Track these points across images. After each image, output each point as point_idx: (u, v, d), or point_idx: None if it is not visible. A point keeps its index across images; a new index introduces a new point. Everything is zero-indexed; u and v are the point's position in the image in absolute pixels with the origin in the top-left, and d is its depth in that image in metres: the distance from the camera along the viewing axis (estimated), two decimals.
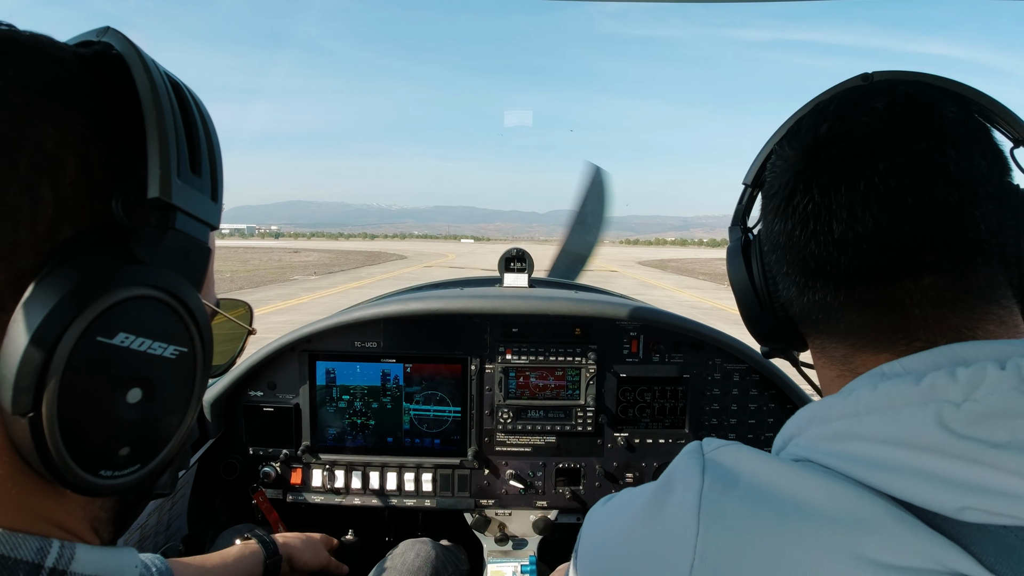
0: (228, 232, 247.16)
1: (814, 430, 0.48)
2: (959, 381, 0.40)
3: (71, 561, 0.35)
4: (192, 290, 0.42)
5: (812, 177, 0.50)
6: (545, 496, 1.68)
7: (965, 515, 0.38)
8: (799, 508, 0.41)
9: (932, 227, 0.46)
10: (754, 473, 0.44)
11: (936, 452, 0.39)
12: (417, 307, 1.60)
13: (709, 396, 1.66)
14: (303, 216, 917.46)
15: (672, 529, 0.45)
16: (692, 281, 26.37)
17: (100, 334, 0.35)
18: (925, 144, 0.46)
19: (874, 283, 0.48)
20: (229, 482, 1.65)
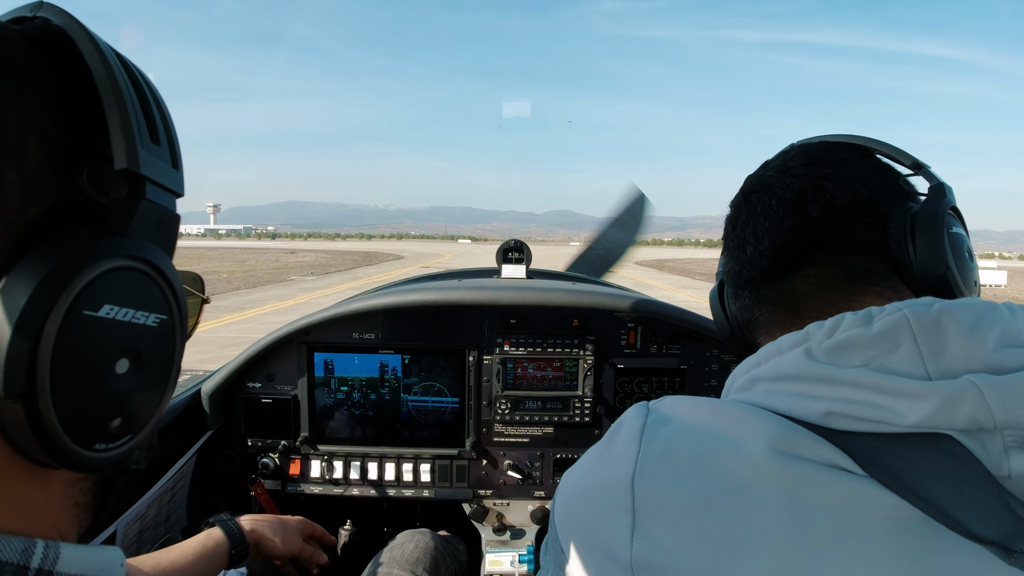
0: (225, 232, 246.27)
1: (736, 383, 0.61)
2: (825, 326, 0.54)
3: (56, 561, 0.35)
4: (167, 258, 0.42)
5: (736, 219, 0.71)
6: (543, 486, 1.69)
7: (831, 421, 0.48)
8: (713, 428, 0.53)
9: (809, 236, 0.63)
10: (684, 412, 0.56)
11: (804, 378, 0.51)
12: (415, 298, 1.60)
13: (706, 387, 1.67)
14: (300, 216, 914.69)
15: (619, 451, 0.56)
16: (689, 281, 26.41)
17: (86, 308, 0.36)
18: (804, 182, 0.64)
19: (771, 283, 0.66)
20: (228, 473, 1.66)
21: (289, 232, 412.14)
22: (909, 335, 0.49)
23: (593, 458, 0.61)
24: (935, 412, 0.45)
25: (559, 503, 0.64)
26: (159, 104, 0.44)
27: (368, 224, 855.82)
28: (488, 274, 2.07)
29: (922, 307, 0.50)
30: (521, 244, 1.91)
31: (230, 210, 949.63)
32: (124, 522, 1.28)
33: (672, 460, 0.52)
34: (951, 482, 0.43)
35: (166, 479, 1.44)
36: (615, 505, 0.53)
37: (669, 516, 0.50)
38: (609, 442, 0.60)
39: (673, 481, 0.51)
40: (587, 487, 0.59)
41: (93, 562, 0.38)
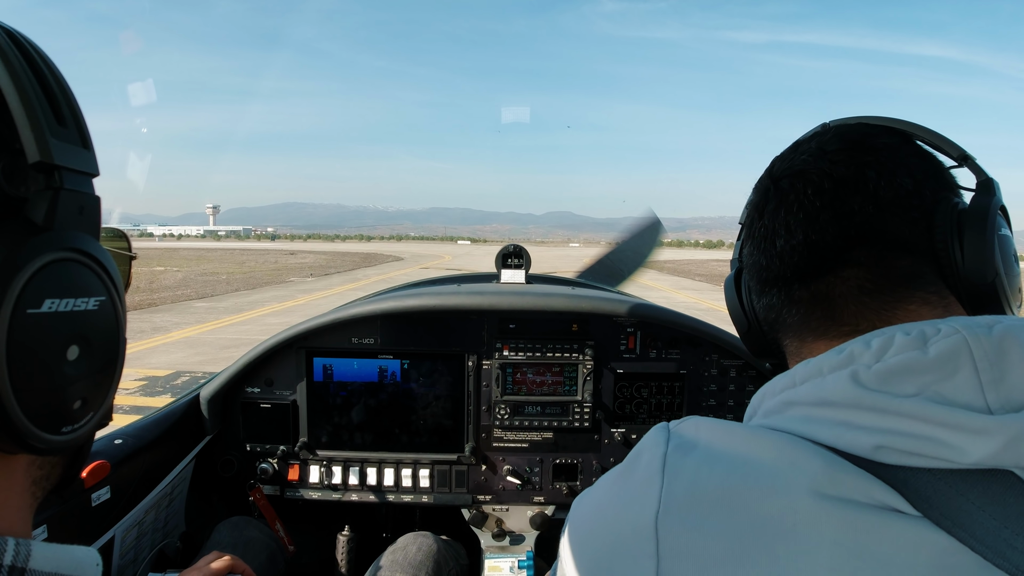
0: (224, 234, 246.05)
1: (766, 404, 0.56)
2: (872, 348, 0.48)
3: (28, 558, 0.35)
4: (95, 242, 0.43)
5: (764, 206, 0.63)
6: (542, 492, 1.69)
7: (881, 455, 0.44)
8: (746, 460, 0.47)
9: (850, 231, 0.56)
10: (710, 438, 0.51)
11: (852, 406, 0.46)
12: (414, 303, 1.60)
13: (706, 392, 1.67)
14: (299, 218, 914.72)
15: (640, 487, 0.51)
16: (688, 282, 26.42)
17: (29, 307, 0.36)
18: (846, 170, 0.57)
19: (805, 282, 0.59)
20: (226, 479, 1.65)
21: (288, 233, 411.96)
22: (968, 360, 0.44)
23: (609, 491, 0.56)
24: (1001, 450, 0.41)
25: (571, 540, 0.59)
26: (59, 81, 0.42)
27: (367, 225, 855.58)
28: (487, 279, 2.07)
29: (982, 329, 0.45)
30: (520, 249, 1.91)
31: (229, 211, 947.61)
32: (122, 527, 1.28)
33: (700, 498, 0.47)
34: (1013, 523, 0.40)
35: (164, 484, 1.43)
36: (637, 550, 0.49)
37: (700, 565, 0.45)
38: (627, 472, 0.55)
39: (703, 523, 0.46)
40: (603, 526, 0.54)
41: (67, 560, 0.38)
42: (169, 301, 14.91)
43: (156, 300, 14.97)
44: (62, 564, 0.37)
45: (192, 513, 1.60)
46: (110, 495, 1.24)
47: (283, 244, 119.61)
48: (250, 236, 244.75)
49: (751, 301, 0.71)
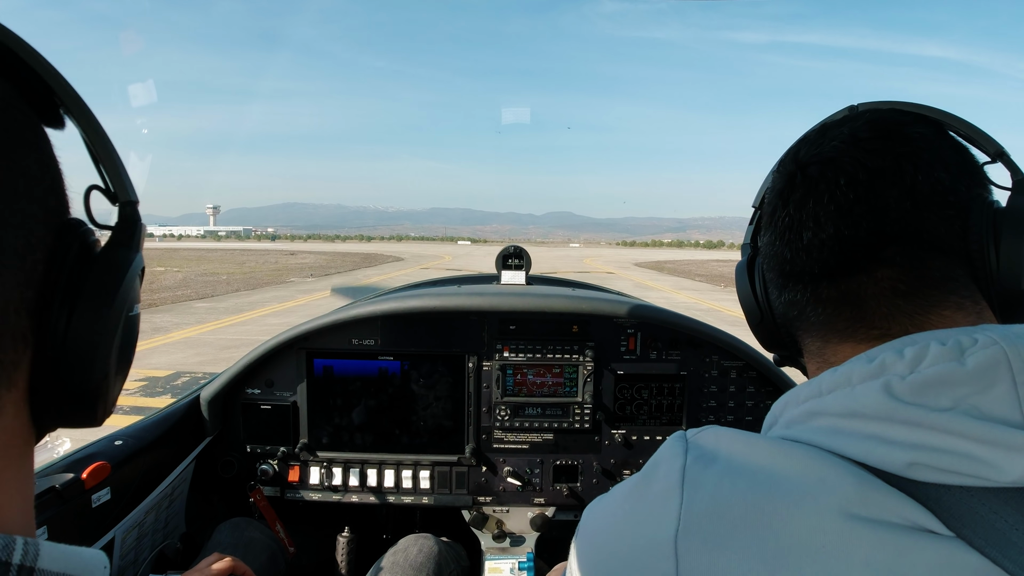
0: (224, 234, 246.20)
1: (789, 412, 0.53)
2: (905, 357, 0.46)
3: (37, 557, 0.35)
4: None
5: (789, 194, 0.58)
6: (543, 493, 1.69)
7: (914, 472, 0.42)
8: (770, 475, 0.46)
9: (885, 228, 0.52)
10: (731, 449, 0.49)
11: (885, 419, 0.44)
12: (414, 304, 1.60)
13: (706, 393, 1.67)
14: (300, 218, 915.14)
15: (658, 501, 0.49)
16: (688, 282, 26.42)
17: (130, 311, 0.47)
18: (882, 161, 0.53)
19: (834, 280, 0.55)
20: (227, 480, 1.65)
21: (289, 234, 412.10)
22: (1007, 373, 0.42)
23: (625, 504, 0.54)
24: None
25: (583, 553, 0.57)
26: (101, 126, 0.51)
27: (368, 226, 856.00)
28: (488, 280, 2.06)
29: (1021, 340, 0.44)
30: (521, 250, 1.91)
31: (230, 212, 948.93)
32: (122, 528, 1.28)
33: (722, 515, 0.45)
34: None
35: (164, 485, 1.43)
36: (655, 569, 0.47)
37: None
38: (644, 485, 0.53)
39: (725, 542, 0.44)
40: (619, 542, 0.52)
41: (75, 562, 0.38)
42: (169, 301, 14.91)
43: (156, 300, 14.97)
44: (71, 565, 0.37)
45: (192, 514, 1.60)
46: (110, 496, 1.24)
47: (283, 244, 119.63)
48: (250, 236, 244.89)
49: (766, 292, 0.67)
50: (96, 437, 1.36)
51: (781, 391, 1.66)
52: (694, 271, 36.17)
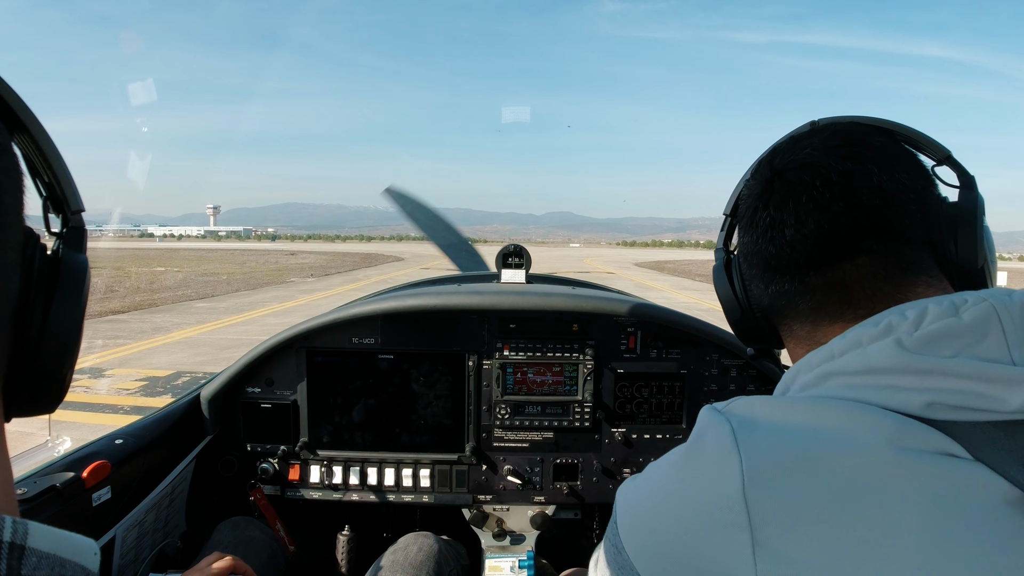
0: (224, 234, 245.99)
1: (802, 378, 0.59)
2: (908, 318, 0.53)
3: (26, 536, 0.35)
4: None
5: (768, 197, 0.66)
6: (543, 492, 1.69)
7: (932, 411, 0.48)
8: (815, 427, 0.50)
9: (861, 222, 0.60)
10: (768, 413, 0.54)
11: (901, 370, 0.50)
12: (414, 303, 1.60)
13: (706, 392, 1.67)
14: (300, 218, 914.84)
15: (715, 463, 0.52)
16: (688, 282, 26.42)
17: (84, 308, 0.54)
18: (852, 164, 0.61)
19: (819, 269, 0.63)
20: (227, 479, 1.65)
21: (289, 234, 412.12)
22: (997, 324, 0.50)
23: (676, 474, 0.57)
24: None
25: (633, 530, 0.60)
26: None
27: (368, 226, 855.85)
28: (488, 279, 2.06)
29: (1004, 297, 0.51)
30: (521, 249, 1.91)
31: (230, 212, 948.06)
32: (123, 527, 1.28)
33: (783, 465, 0.49)
34: None
35: (165, 484, 1.43)
36: (726, 523, 0.50)
37: (794, 526, 0.47)
38: (693, 454, 0.56)
39: (790, 488, 0.48)
40: (680, 506, 0.55)
41: (65, 544, 0.38)
42: (170, 301, 14.92)
43: (157, 300, 14.98)
44: (60, 547, 0.37)
45: (193, 513, 1.60)
46: (111, 495, 1.24)
47: (283, 244, 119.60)
48: (251, 236, 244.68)
49: (745, 288, 0.75)
50: (96, 436, 1.36)
51: None
52: (694, 271, 36.17)
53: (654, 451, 1.67)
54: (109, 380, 7.03)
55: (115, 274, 23.15)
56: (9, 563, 0.34)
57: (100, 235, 41.26)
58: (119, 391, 6.59)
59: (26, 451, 1.96)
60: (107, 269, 25.20)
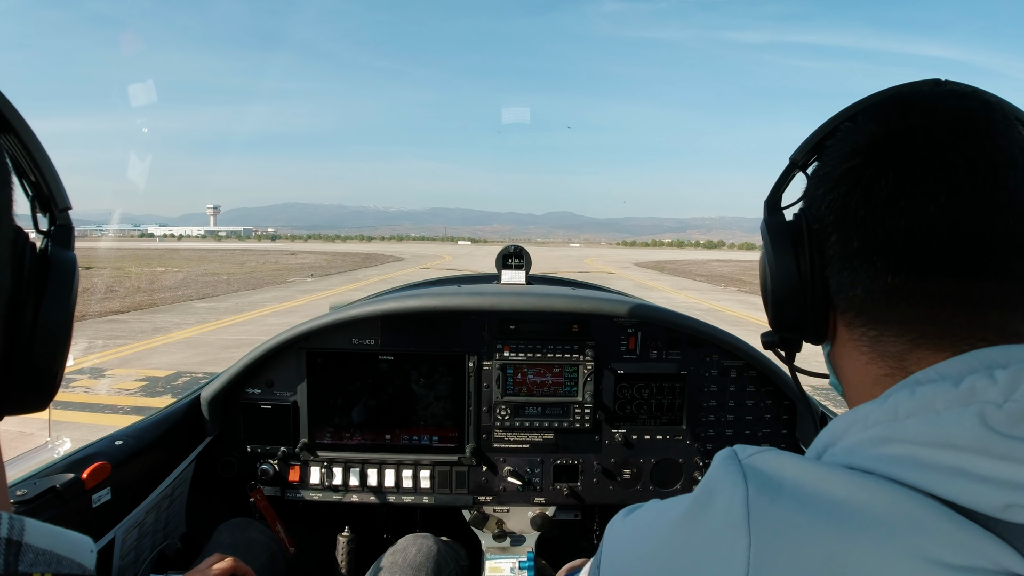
0: (224, 234, 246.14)
1: (852, 436, 0.47)
2: (999, 383, 0.41)
3: (23, 532, 0.35)
4: None
5: (888, 162, 0.49)
6: (543, 493, 1.69)
7: (1009, 514, 0.38)
8: (853, 514, 0.40)
9: (1018, 231, 0.45)
10: (798, 479, 0.43)
11: (980, 452, 0.39)
12: (414, 304, 1.60)
13: (707, 393, 1.67)
14: (300, 218, 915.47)
15: (719, 540, 0.44)
16: (689, 282, 26.42)
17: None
18: (1007, 152, 0.46)
19: (950, 276, 0.47)
20: (227, 480, 1.65)
21: (289, 234, 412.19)
22: None
23: (675, 540, 0.48)
24: None
25: (621, 573, 0.52)
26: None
27: (368, 226, 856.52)
28: (488, 279, 2.06)
29: None
30: (521, 250, 1.91)
31: (230, 212, 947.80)
32: (123, 529, 1.28)
33: (800, 561, 0.40)
34: None
35: (164, 486, 1.43)
36: None
37: None
38: (698, 517, 0.46)
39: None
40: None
41: (62, 540, 0.38)
42: (170, 301, 14.92)
43: (157, 300, 14.98)
44: (57, 543, 0.38)
45: (193, 514, 1.60)
46: (110, 496, 1.24)
47: (284, 244, 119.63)
48: (251, 236, 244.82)
49: (814, 264, 0.56)
50: (96, 437, 1.36)
51: (781, 391, 1.66)
52: (694, 271, 36.16)
53: (654, 452, 1.67)
54: (109, 380, 7.03)
55: (115, 274, 23.15)
56: (6, 559, 0.34)
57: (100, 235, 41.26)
58: (119, 391, 6.59)
59: (26, 452, 1.96)
60: (107, 269, 25.21)
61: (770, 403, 1.68)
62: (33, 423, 2.32)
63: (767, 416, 1.68)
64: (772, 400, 1.68)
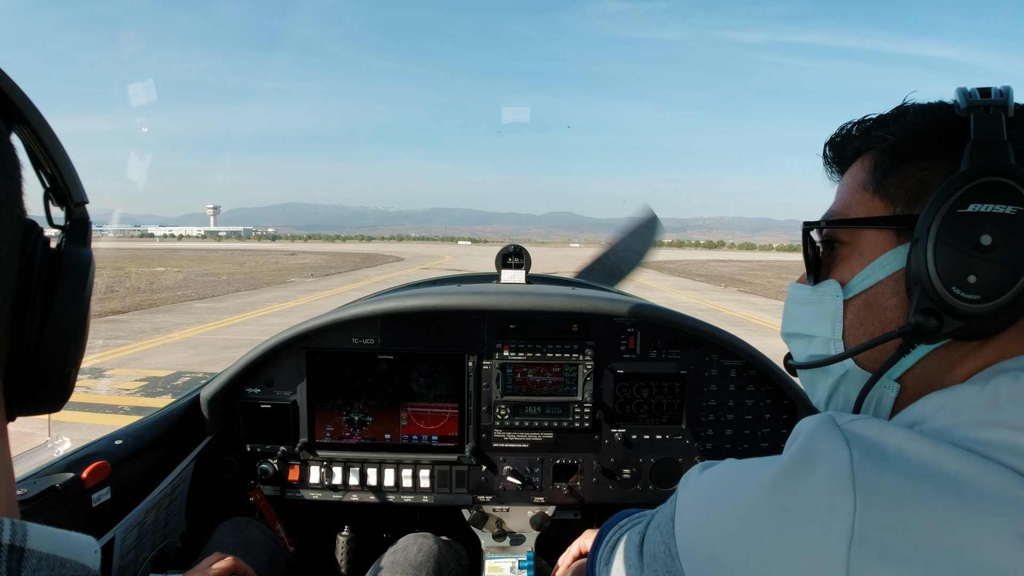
0: (224, 234, 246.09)
1: (944, 417, 0.47)
2: None
3: (25, 538, 0.35)
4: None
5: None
6: (543, 492, 1.69)
7: None
8: (959, 486, 0.40)
9: None
10: (900, 447, 0.44)
11: None
12: (414, 304, 1.60)
13: (706, 392, 1.67)
14: (300, 218, 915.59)
15: (821, 502, 0.43)
16: (689, 282, 26.42)
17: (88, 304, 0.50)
18: None
19: None
20: (227, 479, 1.65)
21: (289, 234, 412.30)
22: None
23: (770, 501, 0.46)
24: None
25: (693, 548, 0.51)
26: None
27: (368, 226, 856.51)
28: (488, 279, 2.06)
29: None
30: (521, 249, 1.91)
31: (230, 212, 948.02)
32: (123, 528, 1.28)
33: (907, 529, 0.40)
34: None
35: (164, 485, 1.43)
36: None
37: None
38: (796, 479, 0.45)
39: (909, 560, 0.39)
40: (762, 549, 0.45)
41: (64, 543, 0.38)
42: (170, 301, 14.92)
43: (157, 300, 14.98)
44: (59, 547, 0.37)
45: (192, 513, 1.60)
46: (110, 496, 1.24)
47: (284, 244, 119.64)
48: (251, 237, 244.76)
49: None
50: (96, 437, 1.36)
51: (781, 390, 1.66)
52: (694, 271, 36.16)
53: (654, 451, 1.67)
54: (109, 380, 7.03)
55: (115, 274, 23.15)
56: (9, 566, 0.34)
57: (100, 235, 41.33)
58: (119, 391, 6.59)
59: (26, 451, 1.96)
60: (107, 269, 25.20)
61: (770, 403, 1.68)
62: (33, 423, 2.32)
63: (767, 416, 1.68)
64: (772, 400, 1.68)
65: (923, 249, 0.52)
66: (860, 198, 0.61)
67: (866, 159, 0.62)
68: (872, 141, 0.62)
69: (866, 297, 0.60)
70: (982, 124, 0.52)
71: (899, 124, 0.59)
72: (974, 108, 0.52)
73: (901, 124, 0.59)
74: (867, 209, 0.60)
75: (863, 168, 0.62)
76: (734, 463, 0.54)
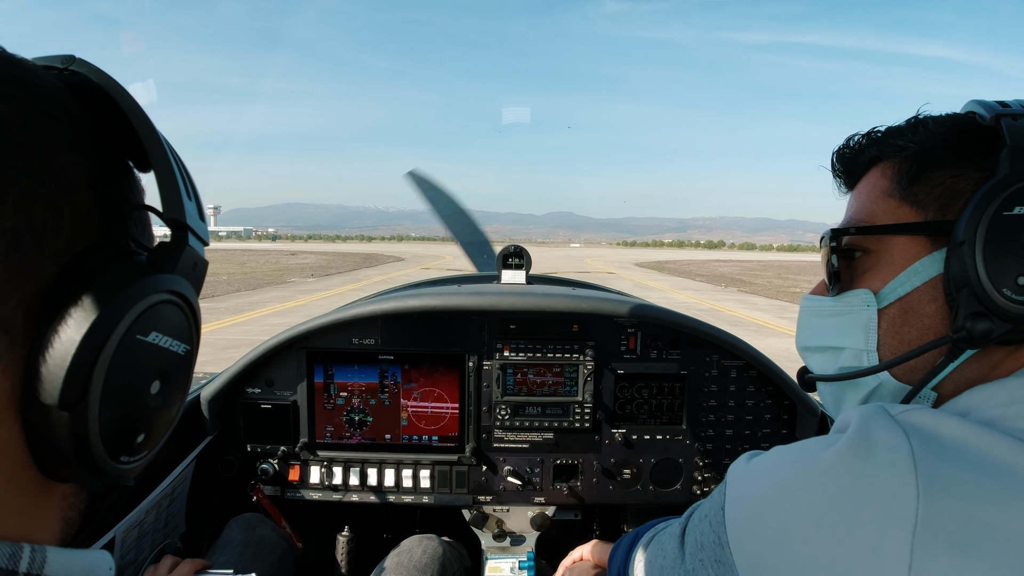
0: (225, 234, 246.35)
1: (992, 409, 0.48)
2: None
3: (44, 564, 0.35)
4: (196, 297, 0.47)
5: None
6: (543, 492, 1.69)
7: None
8: (1015, 478, 0.41)
9: None
10: (956, 437, 0.44)
11: None
12: (415, 304, 1.60)
13: (707, 392, 1.67)
14: (300, 218, 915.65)
15: (884, 490, 0.43)
16: (689, 282, 26.42)
17: (139, 332, 0.40)
18: None
19: None
20: (227, 479, 1.65)
21: (289, 234, 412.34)
22: None
23: (828, 487, 0.46)
24: None
25: (746, 536, 0.51)
26: (183, 163, 0.49)
27: (368, 226, 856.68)
28: (488, 279, 2.06)
29: None
30: (521, 250, 1.91)
31: (230, 212, 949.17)
32: (123, 528, 1.28)
33: (971, 519, 0.40)
34: None
35: (165, 485, 1.43)
36: (876, 571, 0.41)
37: None
38: (856, 466, 0.45)
39: (973, 551, 0.39)
40: (819, 533, 0.45)
41: (80, 566, 0.38)
42: None
43: None
44: (75, 570, 0.38)
45: (193, 514, 1.60)
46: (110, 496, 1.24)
47: (284, 244, 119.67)
48: (251, 237, 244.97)
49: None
50: None
51: (782, 391, 1.66)
52: (695, 271, 36.17)
53: (654, 452, 1.67)
54: None
55: None
56: None
57: None
58: None
59: None
60: None
61: (770, 403, 1.68)
62: None
63: (767, 416, 1.68)
64: (772, 400, 1.68)
65: (970, 252, 0.51)
66: (886, 205, 0.61)
67: (886, 167, 0.62)
68: (891, 150, 0.62)
69: (902, 305, 0.59)
70: (1015, 131, 0.53)
71: (920, 133, 0.60)
72: (1003, 117, 0.53)
73: (923, 133, 0.60)
74: (895, 216, 0.60)
75: (884, 176, 0.62)
76: (782, 450, 0.53)
